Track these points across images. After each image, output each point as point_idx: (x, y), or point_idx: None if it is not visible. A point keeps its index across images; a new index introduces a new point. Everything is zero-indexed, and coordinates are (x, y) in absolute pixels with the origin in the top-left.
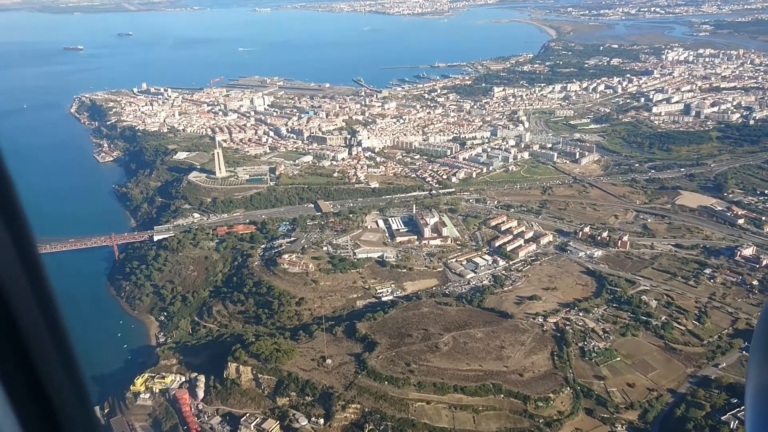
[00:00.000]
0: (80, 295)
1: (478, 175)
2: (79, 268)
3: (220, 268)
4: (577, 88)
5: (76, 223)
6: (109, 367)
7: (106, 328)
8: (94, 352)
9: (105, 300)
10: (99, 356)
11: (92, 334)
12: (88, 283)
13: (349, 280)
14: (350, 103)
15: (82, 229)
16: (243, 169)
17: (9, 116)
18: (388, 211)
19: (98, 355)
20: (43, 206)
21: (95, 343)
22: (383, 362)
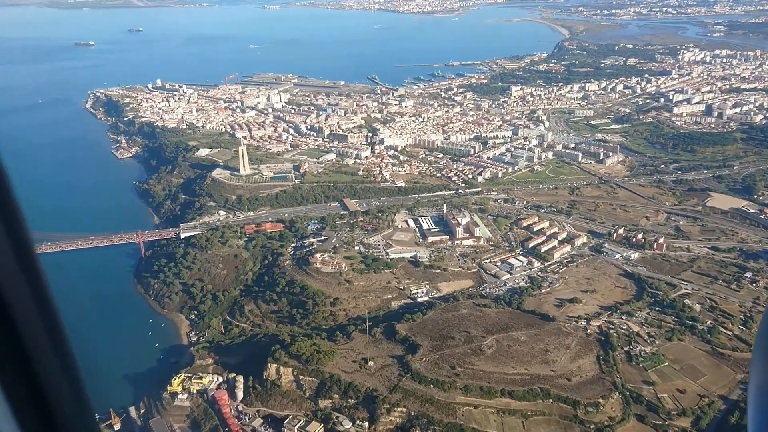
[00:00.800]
0: (107, 293)
1: (504, 174)
2: (104, 266)
3: (250, 266)
4: (595, 88)
5: (98, 220)
6: (141, 366)
7: (135, 327)
8: (125, 351)
9: (133, 298)
10: (130, 355)
11: (122, 333)
12: (115, 281)
13: (383, 280)
14: (367, 101)
15: (104, 225)
16: (267, 167)
17: (24, 112)
18: (416, 210)
19: (130, 355)
20: (64, 202)
21: (126, 342)
22: (427, 365)
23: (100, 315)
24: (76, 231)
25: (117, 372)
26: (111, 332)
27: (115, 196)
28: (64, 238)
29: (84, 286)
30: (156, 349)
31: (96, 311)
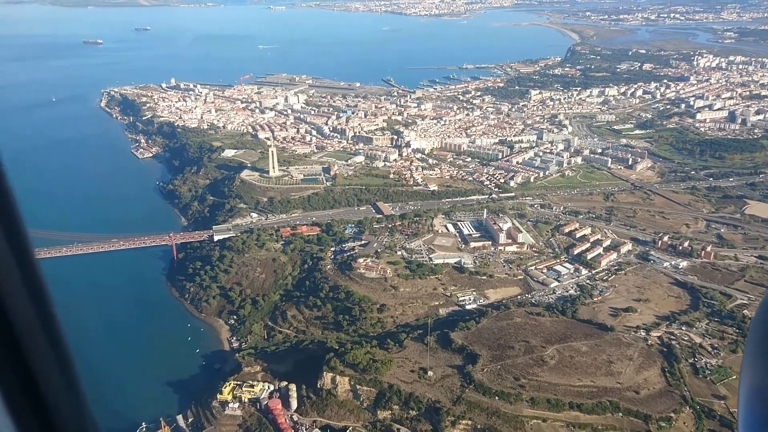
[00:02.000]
0: (141, 296)
1: (536, 179)
2: (134, 268)
3: (289, 270)
4: (615, 93)
5: (124, 221)
6: (184, 372)
7: (173, 332)
8: (167, 357)
9: (168, 301)
10: (172, 361)
11: (160, 338)
12: (147, 284)
13: (429, 286)
14: (385, 103)
15: (130, 227)
16: (295, 169)
17: (39, 108)
18: (453, 214)
19: (171, 361)
20: (88, 203)
21: (166, 348)
22: (489, 376)
23: (136, 319)
24: (103, 232)
25: (159, 378)
26: (149, 337)
27: (140, 197)
28: (93, 239)
29: (116, 289)
30: (197, 354)
31: (132, 315)
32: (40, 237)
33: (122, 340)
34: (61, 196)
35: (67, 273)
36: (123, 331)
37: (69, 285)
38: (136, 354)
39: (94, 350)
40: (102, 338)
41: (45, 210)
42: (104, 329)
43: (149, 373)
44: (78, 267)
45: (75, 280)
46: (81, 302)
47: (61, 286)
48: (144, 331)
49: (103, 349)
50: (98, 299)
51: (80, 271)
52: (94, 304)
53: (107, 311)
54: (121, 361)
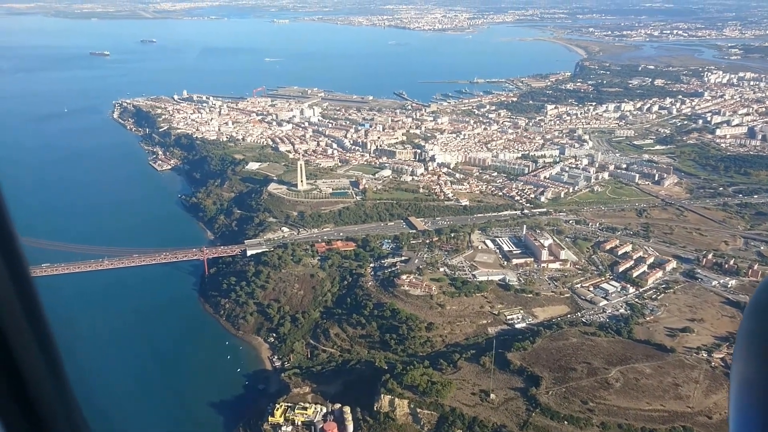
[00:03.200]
0: (176, 313)
1: (566, 194)
2: (165, 283)
3: (328, 287)
4: (631, 108)
5: (150, 236)
6: (227, 393)
7: (211, 350)
8: (207, 377)
9: (202, 318)
10: (213, 381)
11: (199, 357)
12: (180, 300)
13: (476, 304)
14: (401, 117)
15: (156, 241)
16: (323, 182)
17: (51, 119)
18: (490, 230)
19: (212, 380)
20: (112, 217)
21: (206, 367)
22: (556, 399)
23: (173, 336)
24: (128, 246)
25: (201, 399)
26: (187, 356)
27: (162, 210)
28: (119, 253)
29: (149, 305)
30: (239, 374)
31: (167, 332)
32: (66, 251)
33: (159, 359)
34: (83, 209)
35: (97, 288)
36: (159, 349)
37: (100, 301)
38: (175, 373)
39: (131, 369)
40: (138, 357)
41: (69, 223)
42: (139, 347)
43: (191, 394)
44: (107, 282)
45: (105, 295)
46: (114, 318)
47: (92, 303)
48: (181, 349)
49: (140, 369)
50: (131, 315)
51: (110, 286)
52: (128, 320)
53: (142, 328)
54: (161, 381)
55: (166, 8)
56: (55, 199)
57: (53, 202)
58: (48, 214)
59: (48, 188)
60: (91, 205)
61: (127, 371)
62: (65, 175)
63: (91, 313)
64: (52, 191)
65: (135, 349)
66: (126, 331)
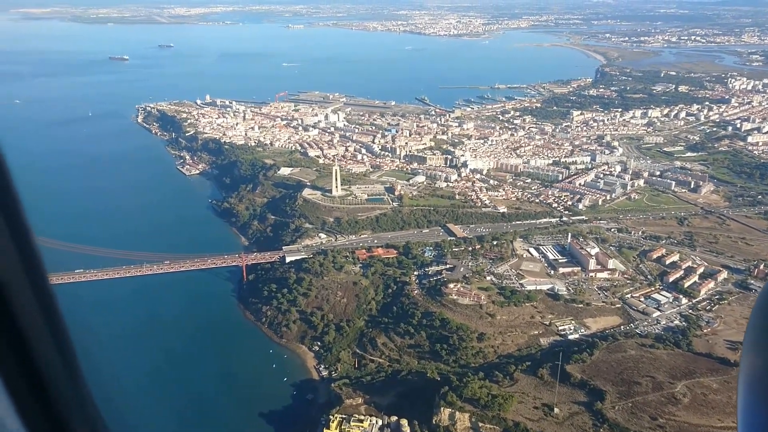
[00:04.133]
0: (216, 320)
1: (603, 202)
2: (203, 290)
3: (372, 295)
4: (658, 114)
5: (184, 242)
6: (275, 403)
7: (256, 358)
8: (254, 386)
9: (243, 325)
10: (260, 391)
11: (245, 365)
12: (220, 307)
13: (526, 314)
14: (426, 122)
15: (190, 247)
16: (358, 188)
17: (77, 124)
18: (532, 238)
19: (259, 390)
20: (145, 222)
21: (252, 376)
22: (623, 414)
23: (216, 344)
24: (164, 251)
25: (250, 409)
26: (232, 364)
27: (194, 215)
28: (156, 258)
29: (190, 311)
30: (285, 383)
31: (210, 340)
32: (103, 256)
33: (205, 368)
34: (115, 214)
35: (135, 294)
36: (204, 357)
37: (140, 307)
38: (221, 382)
39: (177, 377)
40: (183, 365)
41: (102, 228)
42: (183, 354)
43: (238, 403)
44: (145, 288)
45: (144, 301)
46: (157, 324)
47: (131, 309)
48: (226, 357)
49: (186, 377)
50: (173, 321)
51: (148, 292)
52: (171, 326)
53: (184, 335)
54: (208, 390)
55: (180, 13)
56: (87, 203)
57: (85, 207)
58: (81, 218)
59: (79, 193)
60: (122, 210)
61: (173, 379)
62: (95, 179)
63: (131, 319)
64: (82, 196)
65: (179, 357)
66: (169, 338)
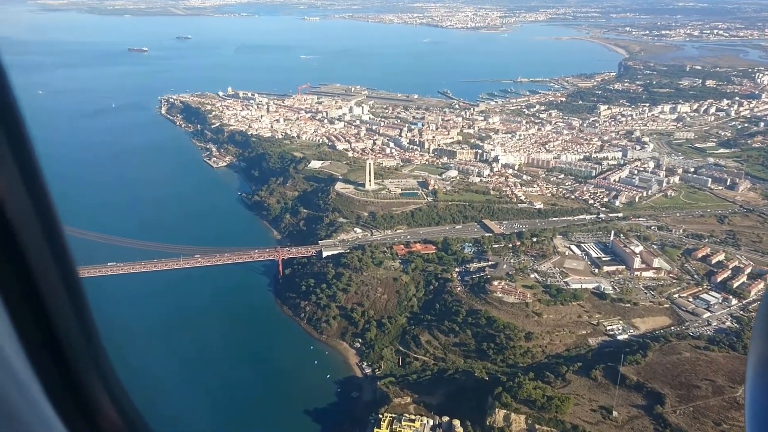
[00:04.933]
0: (254, 315)
1: (640, 198)
2: (238, 284)
3: (413, 291)
4: (687, 110)
5: (218, 235)
6: (320, 400)
7: (297, 354)
8: (297, 382)
9: (282, 321)
10: (304, 388)
11: (286, 361)
12: (256, 301)
13: (572, 313)
14: (451, 116)
15: (224, 240)
16: (391, 182)
17: (101, 115)
18: (572, 235)
19: (303, 386)
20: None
21: (294, 372)
22: (685, 419)
23: (256, 340)
24: (196, 244)
25: (295, 406)
26: (274, 360)
27: (224, 208)
28: (189, 251)
29: (226, 306)
30: (329, 380)
31: (250, 335)
32: (135, 248)
33: (247, 362)
34: (144, 206)
35: (173, 288)
36: (245, 352)
37: (178, 301)
38: (264, 377)
39: (218, 372)
40: (223, 360)
41: (132, 220)
42: (223, 349)
43: (282, 400)
44: (182, 281)
45: (182, 295)
46: (195, 319)
47: (170, 304)
48: (267, 353)
49: (227, 372)
50: (211, 316)
51: (183, 285)
52: (208, 321)
53: (223, 329)
54: (251, 385)
55: (196, 5)
56: (117, 195)
57: (116, 199)
58: (113, 210)
59: (109, 185)
60: (153, 202)
61: (213, 374)
62: (124, 171)
63: (167, 313)
64: (111, 188)
65: (219, 352)
66: (207, 333)
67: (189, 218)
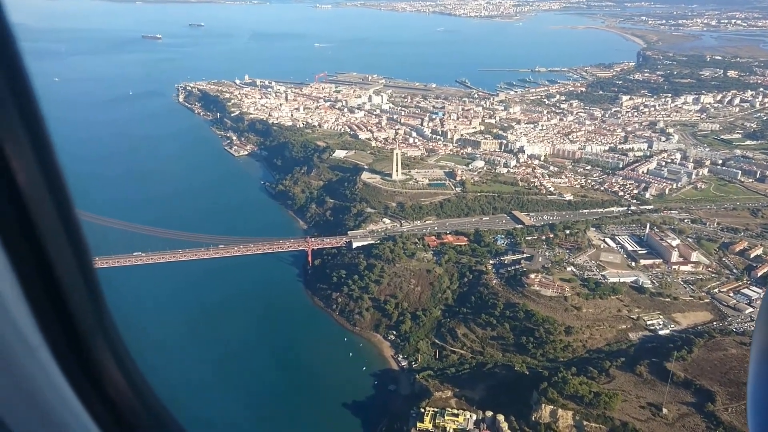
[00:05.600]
0: (286, 306)
1: (670, 191)
2: (266, 274)
3: (447, 284)
4: (711, 100)
5: (241, 223)
6: (358, 393)
7: (331, 346)
8: (333, 374)
9: (313, 312)
10: (340, 379)
11: (320, 353)
12: (286, 292)
13: (612, 307)
14: (471, 106)
15: (248, 229)
16: (417, 172)
17: (119, 103)
18: (605, 228)
19: (339, 378)
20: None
21: (329, 364)
22: (738, 417)
23: (288, 331)
24: (223, 234)
25: (333, 398)
26: (308, 351)
27: (248, 197)
28: (218, 241)
29: (257, 297)
30: (365, 373)
31: (281, 326)
32: (163, 237)
33: (281, 354)
34: (169, 195)
35: (202, 278)
36: (278, 344)
37: (208, 291)
38: (299, 369)
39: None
40: (257, 351)
41: (158, 209)
42: (256, 341)
43: (319, 392)
44: (211, 272)
45: (212, 285)
46: (225, 309)
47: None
48: (301, 345)
49: (262, 362)
50: (242, 307)
51: (215, 276)
52: (240, 312)
53: (254, 320)
54: (286, 376)
55: None
56: (140, 185)
57: (138, 189)
58: (139, 200)
59: (130, 174)
60: (175, 191)
61: (249, 366)
62: (144, 160)
63: (197, 303)
64: (134, 178)
65: (252, 344)
66: (239, 324)
67: (214, 208)
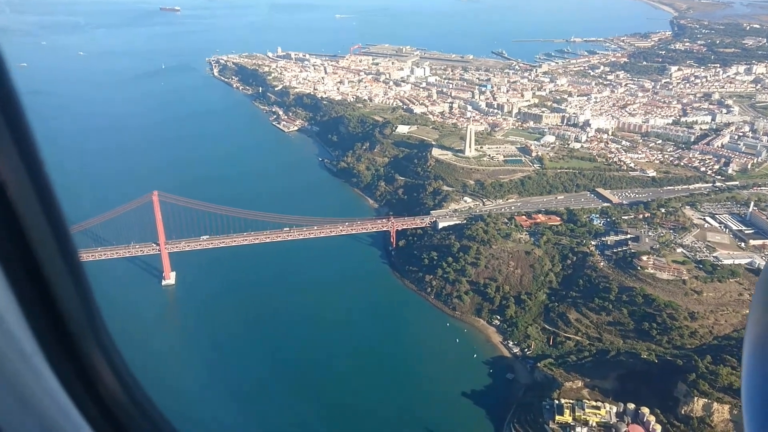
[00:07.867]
0: (377, 290)
1: (753, 166)
2: (351, 256)
3: (548, 266)
4: (764, 71)
5: (310, 203)
6: (474, 382)
7: (435, 332)
8: (444, 362)
9: (406, 296)
10: (452, 367)
11: (427, 340)
12: (372, 275)
13: (732, 291)
14: (516, 77)
15: (319, 209)
16: (489, 148)
17: (152, 77)
18: (700, 205)
19: (451, 366)
20: (268, 183)
21: (437, 351)
22: None
23: (388, 315)
24: (297, 214)
25: (451, 387)
26: (412, 337)
27: (311, 176)
28: (293, 221)
29: (347, 280)
30: (476, 360)
31: (381, 310)
32: (237, 216)
33: (386, 340)
34: (235, 176)
35: (285, 259)
36: (382, 328)
37: (297, 274)
38: (408, 355)
39: (365, 348)
40: (363, 337)
41: (228, 190)
42: (358, 325)
43: (435, 380)
44: (292, 253)
45: (299, 267)
46: (320, 293)
47: (287, 277)
48: (403, 331)
49: (371, 347)
50: (336, 290)
51: (298, 258)
52: (336, 295)
53: (351, 304)
54: (395, 365)
55: None
56: (201, 166)
57: (201, 169)
58: (205, 180)
59: (189, 154)
60: (240, 171)
61: (362, 351)
62: (196, 138)
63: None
64: (193, 157)
65: (355, 328)
66: (338, 308)
67: (280, 188)
